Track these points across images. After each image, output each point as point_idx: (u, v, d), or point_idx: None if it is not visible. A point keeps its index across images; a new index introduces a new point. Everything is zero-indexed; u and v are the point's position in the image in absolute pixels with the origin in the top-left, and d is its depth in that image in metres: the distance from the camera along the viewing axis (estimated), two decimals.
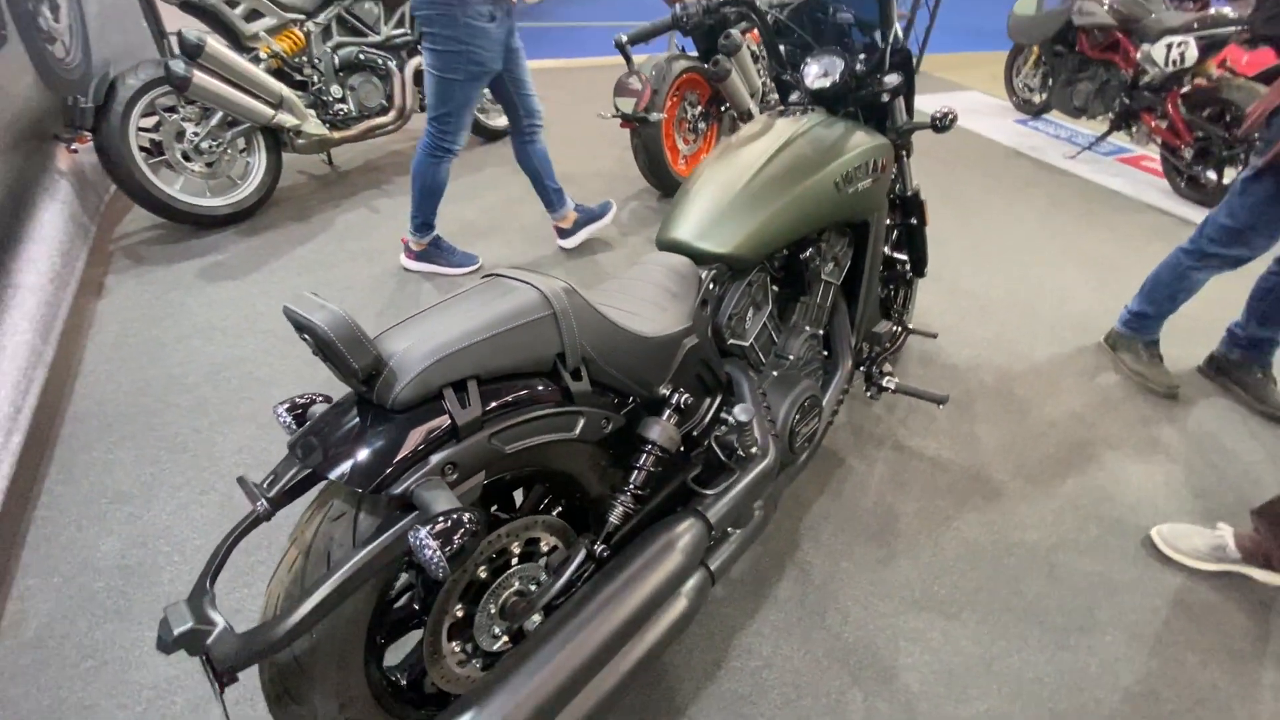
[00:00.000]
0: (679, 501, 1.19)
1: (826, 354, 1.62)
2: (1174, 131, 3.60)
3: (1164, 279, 2.16)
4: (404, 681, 1.05)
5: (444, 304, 0.90)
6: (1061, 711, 1.32)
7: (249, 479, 0.83)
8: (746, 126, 1.45)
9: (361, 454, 0.77)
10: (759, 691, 1.31)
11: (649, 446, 1.07)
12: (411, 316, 0.87)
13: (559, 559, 1.08)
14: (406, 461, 0.78)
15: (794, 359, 1.45)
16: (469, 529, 0.74)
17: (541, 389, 0.91)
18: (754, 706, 1.28)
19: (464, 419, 0.81)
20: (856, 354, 1.68)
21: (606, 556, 1.06)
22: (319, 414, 0.84)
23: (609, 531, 1.05)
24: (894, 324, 1.94)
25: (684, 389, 1.13)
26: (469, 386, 0.83)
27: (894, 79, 1.46)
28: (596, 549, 1.04)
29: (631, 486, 1.06)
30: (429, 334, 0.82)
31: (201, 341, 2.14)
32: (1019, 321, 2.54)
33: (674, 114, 3.13)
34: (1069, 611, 1.51)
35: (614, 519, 1.05)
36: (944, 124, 1.47)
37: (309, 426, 0.83)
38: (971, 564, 1.59)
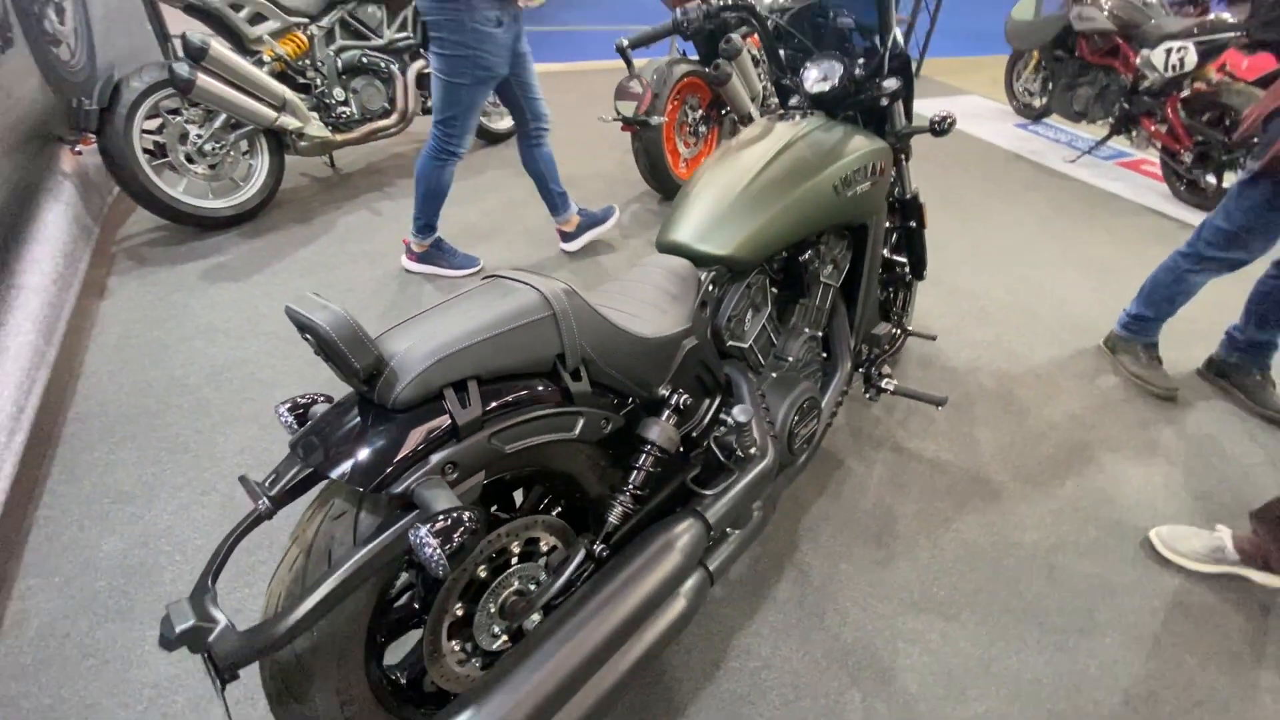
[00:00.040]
0: (678, 502, 1.20)
1: (826, 356, 1.63)
2: (1173, 136, 3.61)
3: (1162, 282, 2.16)
4: (404, 680, 1.06)
5: (445, 305, 0.90)
6: (1060, 713, 1.32)
7: (250, 478, 0.84)
8: (746, 130, 1.45)
9: (362, 453, 0.77)
10: (757, 692, 1.31)
11: (648, 447, 1.08)
12: (412, 317, 0.88)
13: (558, 559, 1.09)
14: (407, 461, 0.78)
15: (793, 361, 1.46)
16: (469, 527, 0.74)
17: (541, 389, 0.92)
18: (752, 707, 1.28)
19: (464, 419, 0.82)
20: (855, 356, 1.68)
21: (606, 556, 1.06)
22: (320, 414, 0.85)
23: (608, 531, 1.06)
24: (893, 326, 1.94)
25: (683, 390, 1.14)
26: (469, 386, 0.84)
27: (893, 83, 1.47)
28: (596, 549, 1.05)
29: (631, 487, 1.07)
30: (430, 334, 0.83)
31: (204, 343, 2.15)
32: (1018, 324, 2.54)
33: (675, 117, 3.14)
34: (1068, 613, 1.51)
35: (613, 519, 1.05)
36: (942, 128, 1.49)
37: (310, 426, 0.83)
38: (970, 565, 1.60)
